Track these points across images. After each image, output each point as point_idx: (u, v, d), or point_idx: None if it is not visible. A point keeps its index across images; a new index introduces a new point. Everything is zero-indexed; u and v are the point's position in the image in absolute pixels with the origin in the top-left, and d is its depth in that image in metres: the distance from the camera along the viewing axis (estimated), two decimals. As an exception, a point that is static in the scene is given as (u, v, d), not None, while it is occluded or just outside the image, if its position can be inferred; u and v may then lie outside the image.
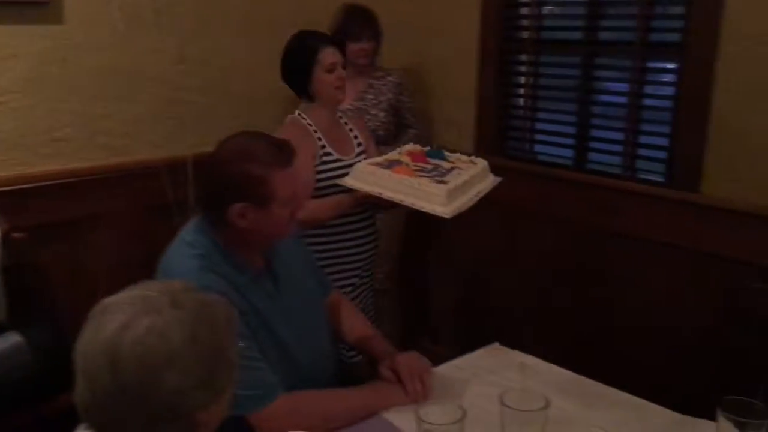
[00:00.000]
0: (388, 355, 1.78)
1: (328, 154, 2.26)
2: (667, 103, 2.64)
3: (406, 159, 2.21)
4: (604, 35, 2.89)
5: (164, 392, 0.97)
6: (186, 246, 1.61)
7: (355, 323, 1.95)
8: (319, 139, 2.26)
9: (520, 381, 1.55)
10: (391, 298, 3.28)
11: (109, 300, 1.04)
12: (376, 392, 1.69)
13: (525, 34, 3.01)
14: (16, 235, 2.35)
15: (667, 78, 2.67)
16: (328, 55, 2.24)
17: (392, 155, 2.25)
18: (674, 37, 2.59)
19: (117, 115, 2.72)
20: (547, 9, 3.02)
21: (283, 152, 1.59)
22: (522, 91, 3.11)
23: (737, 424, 1.35)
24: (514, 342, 1.98)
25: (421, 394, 1.65)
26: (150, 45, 2.72)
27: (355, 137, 2.38)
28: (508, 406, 1.37)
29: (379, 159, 2.22)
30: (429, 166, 2.18)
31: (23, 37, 2.44)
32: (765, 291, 2.07)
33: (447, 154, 2.30)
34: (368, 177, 2.11)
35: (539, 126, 3.12)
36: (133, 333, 0.97)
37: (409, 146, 2.37)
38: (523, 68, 3.07)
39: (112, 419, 0.99)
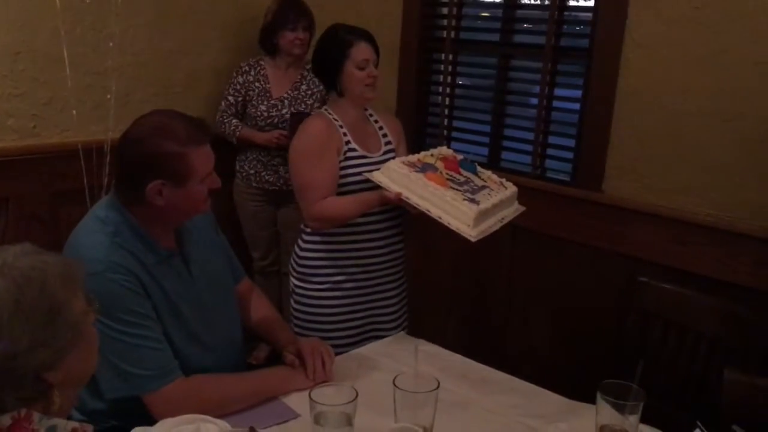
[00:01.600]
0: (291, 341, 1.81)
1: (353, 149, 2.16)
2: (574, 106, 2.76)
3: (439, 165, 2.12)
4: (519, 38, 2.99)
5: None
6: (98, 222, 1.59)
7: (261, 308, 1.96)
8: (345, 134, 2.17)
9: (414, 366, 1.59)
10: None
11: None
12: (276, 376, 1.71)
13: (444, 34, 3.07)
14: None
15: (575, 81, 2.79)
16: (361, 50, 2.15)
17: (426, 157, 2.16)
18: (582, 42, 2.70)
19: (28, 97, 2.65)
20: (465, 10, 3.09)
21: (199, 129, 1.58)
22: (440, 89, 3.17)
23: (615, 406, 1.42)
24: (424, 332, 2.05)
25: (321, 375, 1.68)
26: (64, 27, 2.66)
27: (384, 135, 2.29)
28: (400, 388, 1.41)
29: (412, 158, 2.13)
30: (461, 178, 2.10)
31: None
32: (650, 285, 2.18)
33: (480, 169, 2.22)
34: (400, 178, 2.02)
35: (456, 124, 3.19)
36: None
37: (444, 150, 2.28)
38: (441, 67, 3.14)
39: None
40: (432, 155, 2.19)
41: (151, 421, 1.44)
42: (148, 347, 1.53)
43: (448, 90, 3.14)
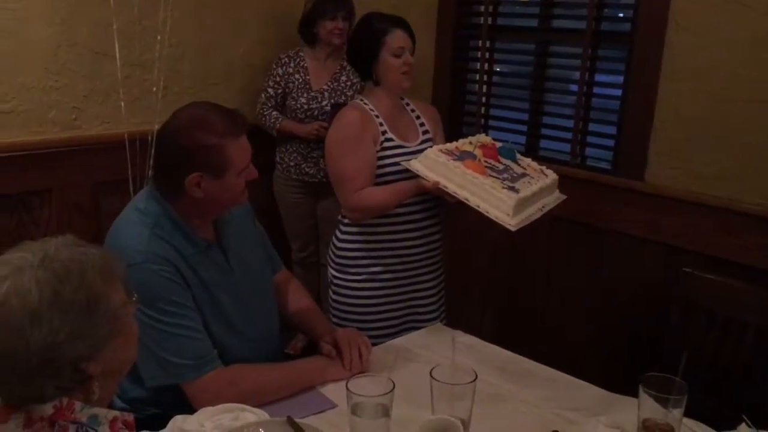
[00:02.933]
0: (328, 332, 1.81)
1: (390, 139, 2.14)
2: (616, 92, 2.70)
3: (478, 152, 2.08)
4: (557, 23, 2.93)
5: (33, 350, 1.01)
6: (138, 213, 1.62)
7: (299, 298, 1.97)
8: (381, 124, 2.15)
9: (452, 357, 1.58)
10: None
11: None
12: (313, 366, 1.72)
13: (481, 20, 3.03)
14: (-40, 208, 2.33)
15: (616, 67, 2.73)
16: (397, 38, 2.12)
17: (465, 145, 2.12)
18: (624, 26, 2.64)
19: (69, 89, 2.69)
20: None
21: (235, 121, 1.59)
22: (477, 76, 3.14)
23: (658, 400, 1.39)
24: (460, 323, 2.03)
25: (358, 366, 1.69)
26: (103, 20, 2.69)
27: (422, 124, 2.26)
28: (437, 380, 1.40)
29: (450, 146, 2.09)
30: (500, 166, 2.06)
31: (-31, 7, 2.41)
32: (694, 275, 2.13)
33: (519, 156, 2.18)
34: (438, 166, 1.98)
35: (493, 112, 3.15)
36: None
37: (482, 137, 2.23)
38: (478, 54, 3.10)
39: None
40: (470, 143, 2.15)
41: (190, 410, 1.46)
42: (188, 336, 1.55)
43: (485, 77, 3.11)
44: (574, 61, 2.79)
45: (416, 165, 2.03)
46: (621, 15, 2.76)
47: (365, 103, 2.19)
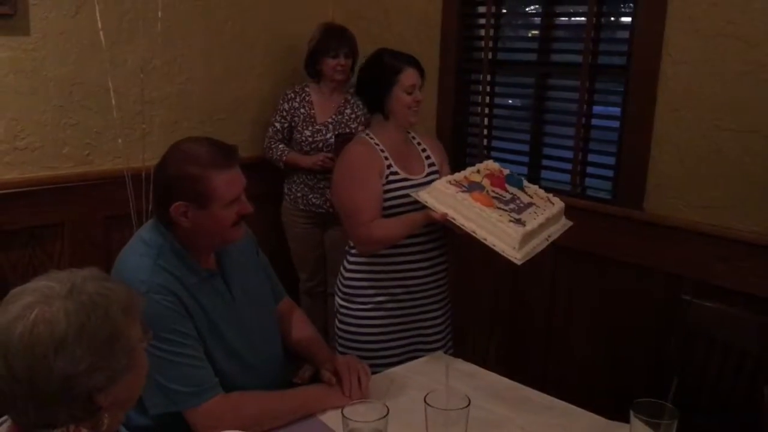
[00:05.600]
0: (329, 359, 1.85)
1: (395, 173, 2.20)
2: (614, 123, 2.75)
3: (486, 183, 2.12)
4: (556, 57, 3.00)
5: (54, 378, 1.04)
6: (142, 244, 1.67)
7: (302, 327, 2.00)
8: (386, 158, 2.21)
9: (445, 383, 1.61)
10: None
11: (15, 290, 1.10)
12: (313, 393, 1.75)
13: (482, 55, 3.11)
14: (-24, 241, 2.40)
15: (613, 99, 2.78)
16: (409, 76, 2.20)
17: (473, 174, 2.16)
18: (620, 60, 2.71)
19: (81, 126, 2.78)
20: (503, 31, 3.13)
21: (223, 154, 1.64)
22: (479, 109, 3.20)
23: (649, 425, 1.41)
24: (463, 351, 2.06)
25: (357, 393, 1.71)
26: (114, 58, 2.79)
27: (428, 157, 2.31)
28: (431, 405, 1.44)
29: (459, 176, 2.13)
30: (507, 195, 2.09)
31: (-13, 47, 2.51)
32: (693, 303, 2.16)
33: (526, 184, 2.22)
34: (446, 198, 2.02)
35: (495, 144, 3.21)
36: (23, 323, 1.04)
37: (490, 164, 2.28)
38: (479, 87, 3.17)
39: (8, 401, 1.06)
40: (479, 171, 2.19)
41: (193, 437, 1.51)
42: (189, 365, 1.59)
43: (486, 110, 3.17)
44: (573, 94, 2.86)
45: (425, 196, 2.07)
46: (617, 49, 2.83)
47: (371, 137, 2.25)
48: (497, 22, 3.10)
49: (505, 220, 1.93)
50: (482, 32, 3.12)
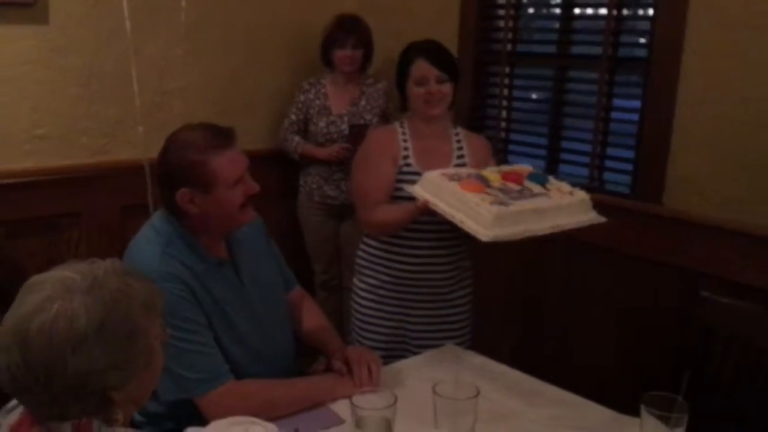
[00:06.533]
0: (340, 349, 1.85)
1: (409, 165, 2.18)
2: (633, 117, 2.71)
3: (495, 177, 2.01)
4: (575, 49, 2.97)
5: (70, 374, 1.02)
6: (152, 232, 1.68)
7: (313, 317, 2.00)
8: (406, 148, 2.19)
9: (456, 374, 1.60)
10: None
11: (36, 278, 1.09)
12: (323, 383, 1.75)
13: (501, 47, 3.08)
14: (-6, 228, 2.43)
15: (633, 92, 2.75)
16: (418, 68, 2.15)
17: (489, 171, 2.05)
18: (640, 52, 2.67)
19: (99, 116, 2.80)
20: (522, 23, 3.10)
21: (220, 136, 1.64)
22: (497, 102, 3.18)
23: (659, 418, 1.40)
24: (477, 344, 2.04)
25: (367, 383, 1.71)
26: (133, 50, 2.79)
27: (460, 156, 2.24)
28: (440, 395, 1.43)
29: (452, 171, 2.06)
30: (516, 187, 1.97)
31: (7, 36, 2.53)
32: (712, 300, 2.12)
33: (552, 180, 2.08)
34: (431, 187, 1.98)
35: (513, 137, 3.18)
36: (43, 316, 1.02)
37: (518, 166, 2.17)
38: (498, 80, 3.14)
39: (22, 391, 1.06)
40: (491, 170, 2.09)
41: (204, 424, 1.50)
42: (199, 352, 1.60)
43: (504, 103, 3.15)
44: (592, 87, 2.82)
45: (416, 189, 2.04)
46: (637, 41, 2.79)
47: (401, 125, 2.25)
48: (517, 13, 3.07)
49: (485, 202, 1.84)
50: (501, 23, 3.09)
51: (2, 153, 2.58)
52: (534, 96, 3.27)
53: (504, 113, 3.16)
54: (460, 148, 2.26)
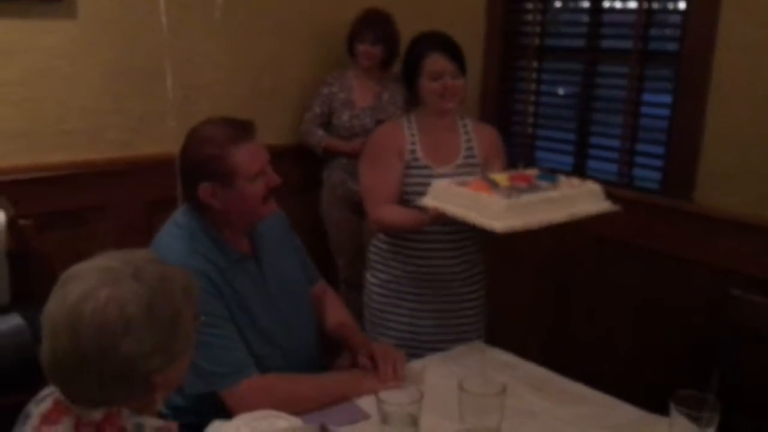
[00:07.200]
0: (364, 345, 1.83)
1: (417, 159, 2.15)
2: (664, 112, 2.67)
3: (503, 179, 1.96)
4: (605, 43, 2.93)
5: (120, 357, 1.05)
6: (176, 227, 1.69)
7: (336, 312, 1.99)
8: (413, 143, 2.17)
9: (481, 371, 1.58)
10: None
11: (75, 268, 1.11)
12: (348, 378, 1.74)
13: (528, 41, 3.05)
14: (22, 221, 2.44)
15: (664, 86, 2.70)
16: (432, 62, 2.10)
17: (498, 175, 1.99)
18: (672, 46, 2.62)
19: (125, 111, 2.81)
20: (550, 17, 3.06)
21: (239, 130, 1.64)
22: (524, 97, 3.15)
23: (690, 418, 1.37)
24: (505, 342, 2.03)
25: (392, 379, 1.69)
26: (158, 44, 2.80)
27: (469, 148, 2.21)
28: (466, 391, 1.41)
29: (459, 179, 2.00)
30: (523, 186, 1.91)
31: (35, 31, 2.55)
32: (742, 298, 2.08)
33: (562, 179, 2.02)
34: (440, 193, 1.94)
35: (540, 132, 3.15)
36: (94, 303, 1.05)
37: (530, 170, 2.09)
38: (525, 74, 3.11)
39: (70, 378, 1.07)
40: (507, 175, 2.02)
41: (229, 418, 1.50)
42: (224, 346, 1.60)
43: (532, 98, 3.11)
44: (622, 81, 2.78)
45: (427, 200, 1.98)
46: (668, 35, 2.74)
47: (408, 119, 2.22)
48: (545, 6, 3.04)
49: (493, 197, 1.80)
50: (529, 17, 3.06)
51: (31, 147, 2.60)
52: (562, 91, 3.23)
53: (531, 109, 3.13)
54: (469, 140, 2.23)
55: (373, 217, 2.18)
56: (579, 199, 1.94)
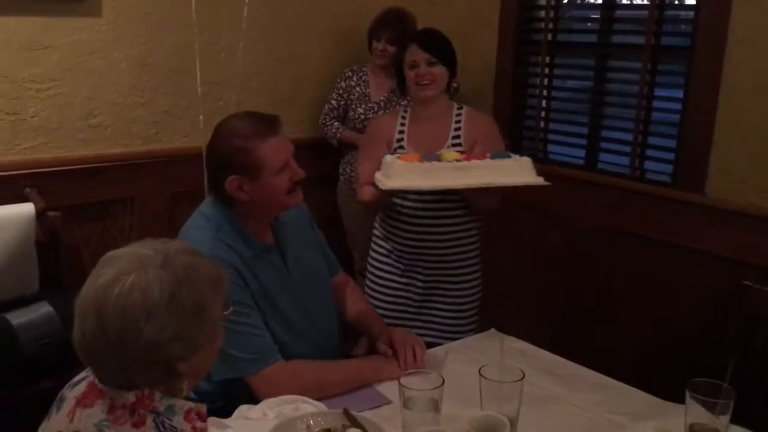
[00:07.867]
0: (384, 332, 1.90)
1: (402, 147, 2.30)
2: (676, 105, 2.71)
3: (450, 155, 2.09)
4: (617, 38, 2.96)
5: (142, 342, 1.09)
6: (203, 218, 1.75)
7: (357, 301, 2.06)
8: (401, 131, 2.32)
9: (500, 358, 1.64)
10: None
11: (113, 252, 1.16)
12: (370, 364, 1.81)
13: (541, 36, 3.09)
14: (51, 213, 2.52)
15: (676, 81, 2.74)
16: (409, 53, 2.27)
17: (441, 153, 2.16)
18: (684, 41, 2.66)
19: (150, 105, 2.88)
20: (562, 12, 3.10)
21: (265, 124, 1.69)
22: (537, 91, 3.19)
23: (705, 405, 1.40)
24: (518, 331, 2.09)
25: (412, 365, 1.75)
26: (183, 40, 2.86)
27: (456, 136, 2.30)
28: (486, 378, 1.46)
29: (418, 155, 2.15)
30: (464, 159, 2.06)
31: (63, 28, 2.61)
32: (754, 289, 2.12)
33: (515, 156, 2.11)
34: (386, 168, 2.11)
35: (552, 126, 3.19)
36: (120, 287, 1.09)
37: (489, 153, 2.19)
38: (538, 69, 3.15)
39: (96, 358, 1.12)
40: (458, 155, 2.14)
41: (255, 403, 1.57)
42: (250, 333, 1.66)
43: (545, 92, 3.16)
44: (634, 76, 2.82)
45: (377, 175, 2.16)
46: (681, 29, 2.78)
47: (405, 109, 2.38)
48: (557, 2, 3.08)
49: (411, 164, 2.03)
50: (542, 13, 3.10)
51: (59, 141, 2.67)
52: (574, 85, 3.27)
53: (544, 103, 3.17)
54: (458, 128, 2.32)
55: (357, 198, 2.37)
56: (502, 170, 2.06)
